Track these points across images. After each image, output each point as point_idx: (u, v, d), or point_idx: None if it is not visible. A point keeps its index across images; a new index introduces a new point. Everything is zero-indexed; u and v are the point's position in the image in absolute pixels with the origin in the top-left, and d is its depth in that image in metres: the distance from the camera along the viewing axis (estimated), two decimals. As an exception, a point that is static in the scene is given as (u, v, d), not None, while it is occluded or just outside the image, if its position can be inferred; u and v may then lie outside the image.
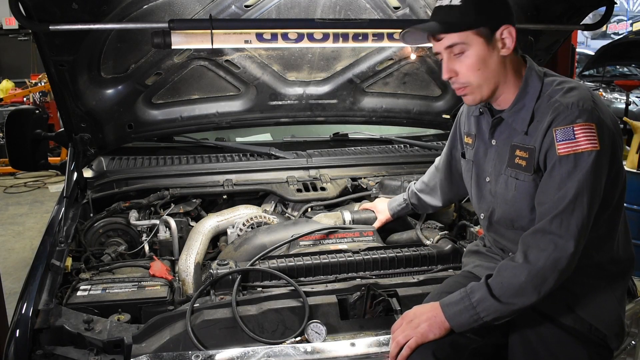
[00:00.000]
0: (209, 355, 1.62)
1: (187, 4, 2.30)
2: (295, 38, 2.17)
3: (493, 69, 1.57)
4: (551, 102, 1.54)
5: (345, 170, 2.83)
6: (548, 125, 1.51)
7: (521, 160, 1.60)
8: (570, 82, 1.57)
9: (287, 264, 2.03)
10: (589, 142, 1.45)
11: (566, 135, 1.47)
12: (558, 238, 1.47)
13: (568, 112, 1.48)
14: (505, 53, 1.56)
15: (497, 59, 1.56)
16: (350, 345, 1.68)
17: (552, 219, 1.48)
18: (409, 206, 2.32)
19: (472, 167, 1.82)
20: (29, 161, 2.55)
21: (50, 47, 2.09)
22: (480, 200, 1.80)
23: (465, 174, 1.88)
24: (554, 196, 1.49)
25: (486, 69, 1.56)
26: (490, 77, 1.58)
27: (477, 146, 1.80)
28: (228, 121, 2.90)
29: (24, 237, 5.61)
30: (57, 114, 6.05)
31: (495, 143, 1.71)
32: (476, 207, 1.85)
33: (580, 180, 1.46)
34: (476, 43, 1.54)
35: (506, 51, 1.56)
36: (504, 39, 1.55)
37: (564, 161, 1.48)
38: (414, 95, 3.07)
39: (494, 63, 1.56)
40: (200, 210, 2.60)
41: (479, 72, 1.56)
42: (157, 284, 1.96)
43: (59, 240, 2.07)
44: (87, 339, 1.65)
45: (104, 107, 2.54)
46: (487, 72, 1.57)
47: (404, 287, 1.89)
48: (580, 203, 1.47)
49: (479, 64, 1.55)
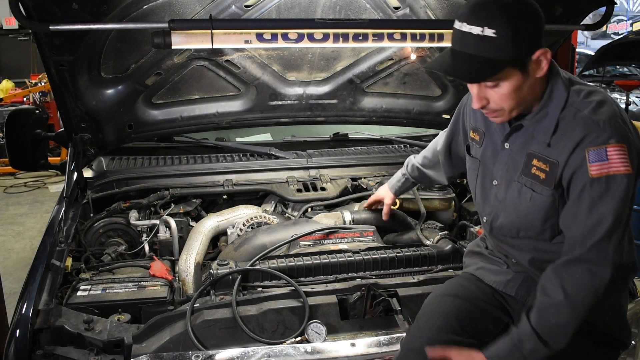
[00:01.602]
0: (209, 355, 1.62)
1: (187, 4, 2.29)
2: (296, 38, 2.17)
3: (527, 92, 1.48)
4: (580, 116, 1.45)
5: (345, 170, 2.84)
6: (576, 143, 1.43)
7: (539, 172, 1.51)
8: (597, 93, 1.49)
9: (287, 264, 2.03)
10: (622, 164, 1.39)
11: (599, 157, 1.40)
12: (594, 266, 1.42)
13: (600, 132, 1.41)
14: (540, 75, 1.47)
15: (532, 81, 1.47)
16: (351, 346, 1.68)
17: (588, 247, 1.42)
18: (409, 180, 2.25)
19: (478, 167, 1.74)
20: (29, 161, 2.55)
21: (50, 47, 2.09)
22: (484, 202, 1.74)
23: (470, 172, 1.81)
24: (586, 221, 1.42)
25: (520, 94, 1.48)
26: (524, 98, 1.50)
27: (485, 145, 1.71)
28: (228, 121, 2.90)
29: (24, 237, 5.60)
30: (57, 114, 6.04)
31: (508, 147, 1.62)
32: (479, 208, 1.80)
33: (615, 206, 1.40)
34: (512, 75, 1.44)
35: (541, 73, 1.46)
36: (540, 61, 1.45)
37: (595, 183, 1.40)
38: (414, 96, 3.07)
39: (528, 86, 1.48)
40: (200, 210, 2.60)
41: (512, 100, 1.48)
42: (157, 284, 1.96)
43: (59, 240, 2.07)
44: (87, 339, 1.65)
45: (104, 107, 2.54)
46: (521, 96, 1.48)
47: (404, 287, 1.90)
48: (616, 229, 1.41)
49: (514, 93, 1.46)
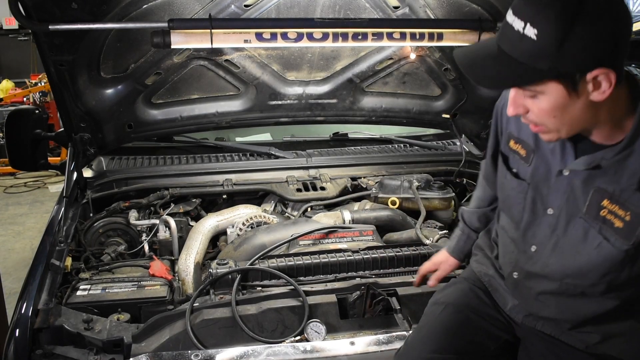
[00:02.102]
0: (209, 354, 1.62)
1: (187, 4, 2.29)
2: (295, 37, 2.17)
3: (576, 115, 1.17)
4: None
5: (345, 169, 2.84)
6: None
7: (614, 218, 1.21)
8: None
9: (287, 263, 2.03)
10: None
11: None
12: None
13: None
14: (598, 99, 1.13)
15: (585, 103, 1.15)
16: (350, 344, 1.68)
17: None
18: (471, 235, 1.79)
19: (527, 190, 1.40)
20: (29, 161, 2.55)
21: (49, 46, 2.09)
22: (529, 230, 1.41)
23: (516, 194, 1.44)
24: None
25: (566, 116, 1.17)
26: (573, 122, 1.20)
27: (535, 165, 1.38)
28: (228, 121, 2.90)
29: (24, 237, 5.59)
30: (57, 114, 6.02)
31: (568, 174, 1.30)
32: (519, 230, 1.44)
33: None
34: (553, 90, 1.14)
35: (599, 97, 1.12)
36: (599, 83, 1.11)
37: None
38: (414, 95, 3.06)
39: (579, 109, 1.16)
40: (200, 210, 2.61)
41: (556, 119, 1.19)
42: (157, 283, 1.96)
43: (58, 240, 2.07)
44: (86, 338, 1.65)
45: (104, 107, 2.54)
46: (567, 118, 1.18)
47: (404, 287, 1.89)
48: None
49: (557, 112, 1.17)
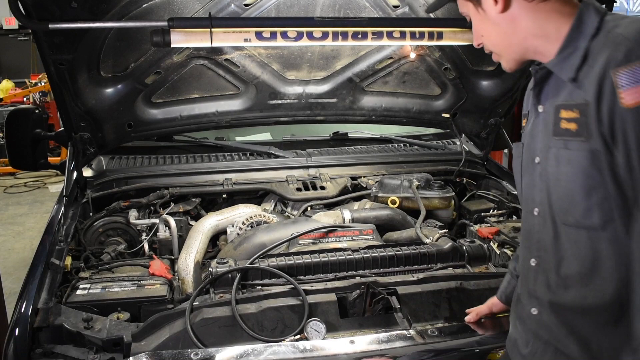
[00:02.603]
0: (208, 353, 1.62)
1: (187, 3, 2.29)
2: (295, 36, 2.17)
3: (495, 33, 1.27)
4: (610, 36, 1.11)
5: (344, 169, 2.84)
6: (604, 68, 1.08)
7: (569, 124, 1.17)
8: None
9: (287, 262, 2.03)
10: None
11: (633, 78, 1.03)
12: None
13: (633, 45, 1.05)
14: (493, 13, 1.23)
15: (495, 20, 1.24)
16: (350, 343, 1.68)
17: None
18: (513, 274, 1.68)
19: (521, 152, 1.38)
20: (29, 161, 2.55)
21: (49, 45, 2.09)
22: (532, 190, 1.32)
23: (515, 163, 1.43)
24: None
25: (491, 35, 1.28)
26: (499, 41, 1.28)
27: (528, 124, 1.37)
28: (227, 120, 2.90)
29: (24, 237, 5.60)
30: (57, 114, 6.04)
31: (542, 110, 1.29)
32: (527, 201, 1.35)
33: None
34: (471, 10, 1.30)
35: (494, 10, 1.23)
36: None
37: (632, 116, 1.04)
38: (414, 94, 3.06)
39: (493, 26, 1.26)
40: (200, 209, 2.61)
41: (485, 39, 1.31)
42: (157, 282, 1.96)
43: (58, 239, 2.07)
44: (86, 337, 1.65)
45: (104, 106, 2.53)
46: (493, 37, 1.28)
47: (404, 285, 1.89)
48: None
49: (479, 30, 1.31)
